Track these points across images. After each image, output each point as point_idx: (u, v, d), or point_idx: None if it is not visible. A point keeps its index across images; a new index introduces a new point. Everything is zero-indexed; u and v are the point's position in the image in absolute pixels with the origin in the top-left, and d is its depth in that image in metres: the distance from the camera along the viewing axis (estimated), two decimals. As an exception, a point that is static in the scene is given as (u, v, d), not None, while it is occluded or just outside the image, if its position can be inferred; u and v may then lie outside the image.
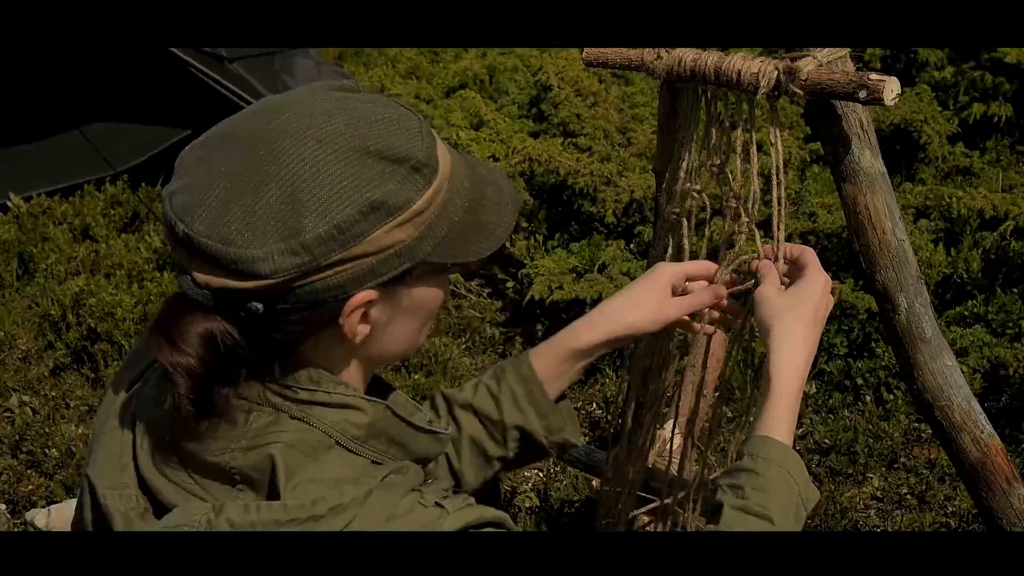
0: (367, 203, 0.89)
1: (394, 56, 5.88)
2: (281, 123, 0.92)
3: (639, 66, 1.48)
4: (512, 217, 1.03)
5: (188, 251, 0.91)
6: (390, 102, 0.97)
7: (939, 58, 4.43)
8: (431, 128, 0.97)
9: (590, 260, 3.59)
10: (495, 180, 1.04)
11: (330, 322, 0.95)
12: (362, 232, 0.90)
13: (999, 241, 3.39)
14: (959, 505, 2.75)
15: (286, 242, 0.88)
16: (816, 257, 1.32)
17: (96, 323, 3.45)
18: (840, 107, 1.40)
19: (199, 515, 0.93)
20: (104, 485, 1.00)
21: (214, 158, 0.93)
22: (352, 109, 0.94)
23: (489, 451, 1.31)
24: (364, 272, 0.92)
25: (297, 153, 0.90)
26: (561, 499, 2.87)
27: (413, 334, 1.04)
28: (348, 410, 1.00)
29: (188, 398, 0.92)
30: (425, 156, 0.93)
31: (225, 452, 0.96)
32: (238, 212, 0.89)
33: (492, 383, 1.32)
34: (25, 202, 4.43)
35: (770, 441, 1.19)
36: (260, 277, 0.89)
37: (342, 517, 0.92)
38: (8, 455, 3.07)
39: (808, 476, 1.20)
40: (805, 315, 1.26)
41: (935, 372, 1.55)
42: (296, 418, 0.98)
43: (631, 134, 4.15)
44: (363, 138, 0.91)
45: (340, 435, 0.99)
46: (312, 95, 0.96)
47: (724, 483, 1.19)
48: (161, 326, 0.94)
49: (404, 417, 1.04)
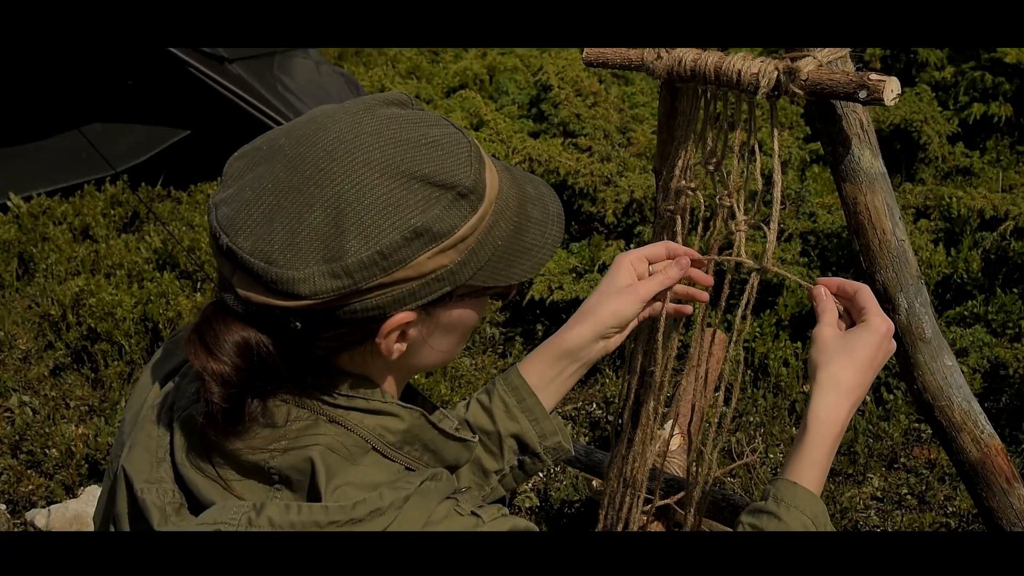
0: (411, 229, 0.89)
1: (394, 56, 5.89)
2: (328, 143, 0.91)
3: (639, 66, 1.48)
4: (557, 237, 1.03)
5: (231, 264, 0.91)
6: (440, 121, 0.97)
7: (939, 58, 4.43)
8: (480, 150, 0.97)
9: (590, 260, 3.60)
10: (541, 198, 1.04)
11: (366, 339, 0.96)
12: (404, 258, 0.90)
13: (999, 241, 3.39)
14: (959, 505, 2.75)
15: (328, 265, 0.88)
16: (874, 298, 1.26)
17: (96, 323, 3.45)
18: (840, 107, 1.40)
19: (240, 514, 0.94)
20: (142, 479, 1.00)
21: (261, 171, 0.93)
22: (400, 130, 0.93)
23: (486, 465, 1.31)
24: (404, 295, 0.92)
25: (343, 175, 0.89)
26: (561, 499, 2.87)
27: (449, 350, 1.05)
28: (385, 416, 1.01)
29: (221, 406, 0.93)
30: (472, 182, 0.92)
31: (264, 451, 0.97)
32: (281, 231, 0.89)
33: (483, 397, 1.33)
34: (25, 202, 4.43)
35: (798, 488, 1.18)
36: (300, 298, 0.89)
37: (381, 521, 0.93)
38: (8, 455, 3.07)
39: (828, 520, 1.20)
40: (859, 362, 1.22)
41: (935, 372, 1.55)
42: (335, 422, 0.98)
43: (631, 134, 4.15)
44: (410, 162, 0.90)
45: (377, 440, 1.00)
46: (364, 113, 0.95)
47: (746, 521, 1.19)
48: (199, 332, 0.94)
49: (436, 424, 1.04)
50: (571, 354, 1.33)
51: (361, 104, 0.96)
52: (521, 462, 1.33)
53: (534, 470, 1.34)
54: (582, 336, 1.32)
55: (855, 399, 1.22)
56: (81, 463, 3.01)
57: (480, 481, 1.32)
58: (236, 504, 0.95)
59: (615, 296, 1.33)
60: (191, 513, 0.98)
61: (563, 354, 1.33)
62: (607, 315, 1.31)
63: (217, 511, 0.95)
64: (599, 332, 1.32)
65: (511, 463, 1.32)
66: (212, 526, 0.93)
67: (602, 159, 3.95)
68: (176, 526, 0.96)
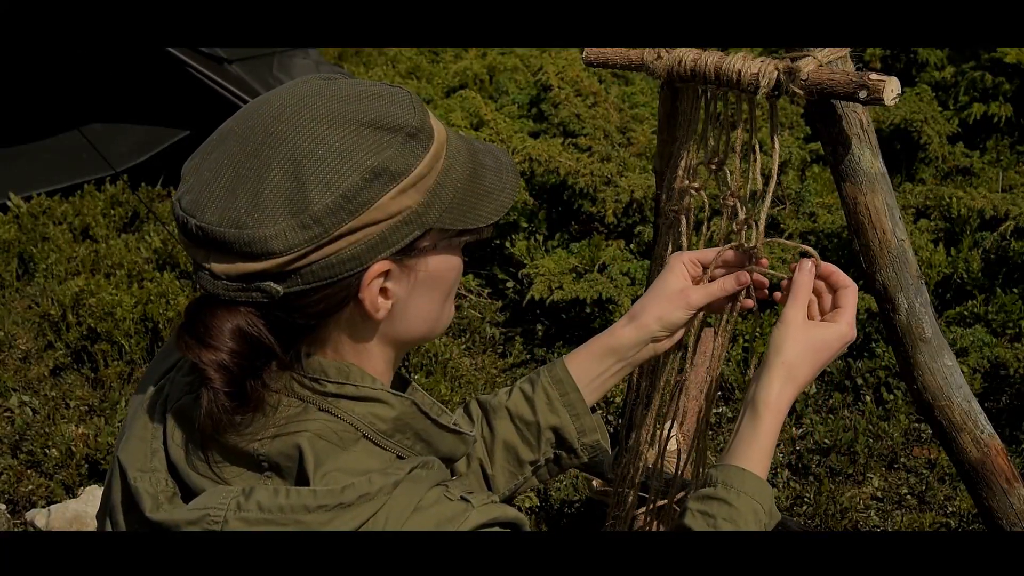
0: (369, 170, 0.92)
1: (394, 56, 5.88)
2: (274, 110, 0.95)
3: (639, 66, 1.48)
4: (514, 183, 1.05)
5: (203, 245, 0.93)
6: (377, 82, 1.00)
7: (939, 58, 4.43)
8: (421, 100, 1.00)
9: (590, 260, 3.59)
10: (490, 150, 1.06)
11: (350, 299, 0.97)
12: (368, 199, 0.92)
13: (999, 241, 3.39)
14: (959, 505, 2.75)
15: (296, 217, 0.90)
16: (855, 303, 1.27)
17: (96, 323, 3.45)
18: (840, 107, 1.40)
19: (228, 498, 0.94)
20: (135, 468, 1.01)
21: (214, 156, 0.96)
22: (341, 88, 0.97)
23: (522, 455, 1.31)
24: (376, 241, 0.94)
25: (294, 132, 0.92)
26: (561, 499, 2.87)
27: (436, 309, 1.05)
28: (374, 403, 1.01)
29: (224, 392, 0.94)
30: (419, 123, 0.95)
31: (253, 440, 0.97)
32: (245, 197, 0.91)
33: (527, 386, 1.33)
34: (25, 202, 4.43)
35: (747, 474, 1.18)
36: (275, 255, 0.91)
37: (370, 506, 0.93)
38: (8, 455, 3.07)
39: (774, 505, 1.20)
40: (818, 359, 1.23)
41: (935, 372, 1.55)
42: (324, 410, 0.99)
43: (631, 134, 4.15)
44: (356, 112, 0.94)
45: (367, 428, 1.00)
46: (303, 83, 0.99)
47: (695, 508, 1.18)
48: (188, 327, 0.96)
49: (429, 414, 1.05)
50: (617, 353, 1.33)
51: (299, 79, 1.01)
52: (557, 456, 1.33)
53: (569, 465, 1.34)
54: (628, 338, 1.32)
55: (799, 391, 1.24)
56: (81, 463, 3.01)
57: (514, 470, 1.32)
58: (225, 490, 0.96)
59: (664, 301, 1.33)
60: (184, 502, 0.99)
61: (609, 352, 1.33)
62: (653, 320, 1.32)
63: (207, 497, 0.96)
64: (644, 337, 1.32)
65: (547, 455, 1.32)
66: (202, 511, 0.94)
67: (602, 159, 3.94)
68: (168, 513, 0.96)
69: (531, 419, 1.31)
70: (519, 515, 1.00)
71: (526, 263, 3.68)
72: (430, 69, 5.54)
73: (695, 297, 1.33)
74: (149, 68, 4.54)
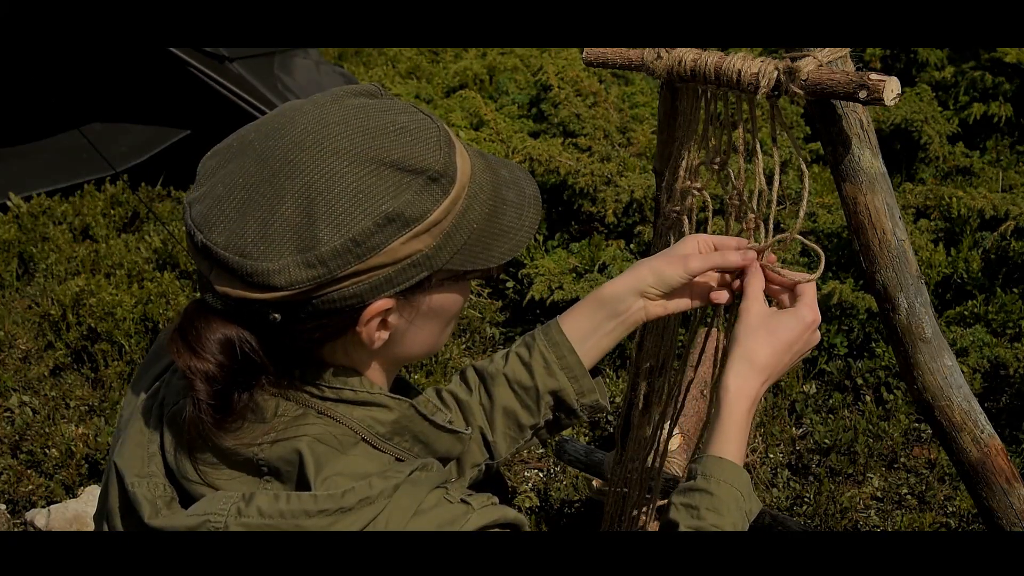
0: (383, 215, 0.89)
1: (394, 56, 5.89)
2: (297, 134, 0.92)
3: (639, 66, 1.48)
4: (534, 219, 1.03)
5: (208, 261, 0.92)
6: (409, 108, 0.96)
7: (939, 58, 4.43)
8: (450, 135, 0.97)
9: (590, 260, 3.60)
10: (516, 181, 1.03)
11: (347, 329, 0.96)
12: (378, 244, 0.90)
13: (999, 241, 3.39)
14: (959, 505, 2.75)
15: (302, 255, 0.88)
16: (815, 293, 1.28)
17: (96, 323, 3.45)
18: (840, 107, 1.40)
19: (229, 503, 0.94)
20: (132, 473, 1.00)
21: (232, 167, 0.93)
22: (368, 118, 0.93)
23: (522, 420, 1.31)
24: (381, 282, 0.92)
25: (312, 165, 0.90)
26: (561, 499, 2.87)
27: (434, 337, 1.05)
28: (374, 407, 1.01)
29: (208, 403, 0.93)
30: (442, 166, 0.92)
31: (252, 444, 0.97)
32: (254, 224, 0.89)
33: (523, 351, 1.32)
34: (25, 202, 4.43)
35: (724, 462, 1.19)
36: (276, 289, 0.89)
37: (370, 509, 0.93)
38: (8, 455, 3.07)
39: (752, 489, 1.21)
40: (778, 342, 1.23)
41: (935, 372, 1.55)
42: (323, 414, 0.99)
43: (631, 134, 4.15)
44: (378, 149, 0.91)
45: (366, 432, 1.00)
46: (331, 104, 0.95)
47: (679, 502, 1.19)
48: (181, 331, 0.95)
49: (427, 416, 1.04)
50: (608, 305, 1.31)
51: (329, 96, 0.97)
52: (557, 417, 1.32)
53: (568, 425, 1.34)
54: (619, 286, 1.31)
55: (766, 378, 1.23)
56: (81, 463, 3.01)
57: (515, 435, 1.31)
58: (225, 495, 0.96)
59: (664, 258, 1.32)
60: (182, 507, 0.98)
61: (600, 304, 1.32)
62: (647, 271, 1.30)
63: (206, 503, 0.96)
64: (636, 287, 1.30)
65: (547, 417, 1.31)
66: (201, 517, 0.94)
67: (602, 159, 3.95)
68: (167, 519, 0.96)
69: (529, 384, 1.30)
70: (519, 516, 1.00)
71: (526, 263, 3.68)
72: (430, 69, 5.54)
73: (695, 263, 1.31)
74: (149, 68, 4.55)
